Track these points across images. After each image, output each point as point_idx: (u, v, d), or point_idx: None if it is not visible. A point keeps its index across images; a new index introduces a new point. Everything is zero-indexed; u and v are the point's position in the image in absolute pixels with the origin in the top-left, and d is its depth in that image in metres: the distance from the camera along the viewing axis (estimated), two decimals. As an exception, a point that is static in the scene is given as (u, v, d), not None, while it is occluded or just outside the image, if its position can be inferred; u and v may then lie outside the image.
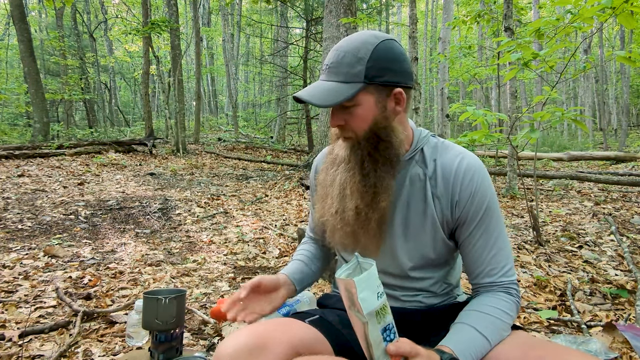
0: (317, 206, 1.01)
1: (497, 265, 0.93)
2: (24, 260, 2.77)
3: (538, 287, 2.31)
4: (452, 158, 0.94)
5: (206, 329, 1.87)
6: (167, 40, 12.70)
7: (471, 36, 15.83)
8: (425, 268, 0.99)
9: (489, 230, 0.93)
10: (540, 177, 6.53)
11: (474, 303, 0.93)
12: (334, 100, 0.85)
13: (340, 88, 0.86)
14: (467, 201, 0.92)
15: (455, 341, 0.83)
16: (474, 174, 0.93)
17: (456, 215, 0.94)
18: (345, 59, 0.87)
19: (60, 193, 5.01)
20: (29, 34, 9.59)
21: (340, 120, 0.90)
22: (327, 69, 0.89)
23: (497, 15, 6.60)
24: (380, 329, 0.73)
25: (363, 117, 0.89)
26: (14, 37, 14.89)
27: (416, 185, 0.95)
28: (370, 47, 0.87)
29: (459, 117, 3.60)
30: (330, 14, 6.20)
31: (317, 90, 0.88)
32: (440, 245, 0.97)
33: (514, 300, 0.92)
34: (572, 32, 2.97)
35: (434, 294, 1.02)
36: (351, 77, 0.86)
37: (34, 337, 1.73)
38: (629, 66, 14.68)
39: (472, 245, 0.94)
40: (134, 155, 9.12)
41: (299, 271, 1.11)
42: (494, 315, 0.88)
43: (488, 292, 0.94)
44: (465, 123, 16.57)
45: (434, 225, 0.95)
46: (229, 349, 0.80)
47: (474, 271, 0.96)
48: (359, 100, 0.87)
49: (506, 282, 0.93)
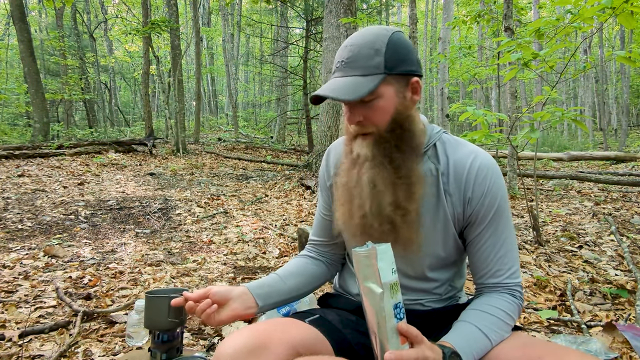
0: (341, 211, 0.96)
1: (504, 267, 0.92)
2: (24, 260, 2.77)
3: (538, 287, 2.31)
4: (466, 155, 0.93)
5: (206, 329, 1.87)
6: (167, 40, 12.70)
7: (471, 36, 15.83)
8: (436, 268, 0.99)
9: (498, 231, 0.93)
10: (540, 177, 6.53)
11: (477, 302, 0.92)
12: (358, 93, 0.83)
13: (361, 81, 0.85)
14: (479, 200, 0.91)
15: (457, 337, 0.83)
16: (487, 172, 0.92)
17: (467, 213, 0.93)
18: (362, 53, 0.86)
19: (60, 193, 5.01)
20: (29, 34, 9.59)
21: (358, 117, 0.88)
22: (343, 65, 0.87)
23: (497, 15, 6.61)
24: (392, 305, 0.74)
25: (385, 109, 0.87)
26: (14, 37, 14.89)
27: (428, 180, 0.93)
28: (384, 39, 0.86)
29: (459, 117, 3.60)
30: (330, 14, 6.20)
31: (337, 86, 0.85)
32: (450, 242, 0.96)
33: (516, 302, 0.92)
34: (572, 32, 2.97)
35: (439, 297, 1.01)
36: (371, 69, 0.85)
37: (34, 337, 1.73)
38: (629, 66, 14.68)
39: (481, 245, 0.93)
40: (134, 155, 9.11)
41: (266, 285, 1.01)
42: (496, 315, 0.88)
43: (492, 293, 0.93)
44: (465, 123, 16.57)
45: (445, 221, 0.94)
46: (229, 349, 0.80)
47: (479, 271, 0.95)
48: (380, 92, 0.86)
49: (511, 284, 0.92)
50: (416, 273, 0.99)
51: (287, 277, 1.06)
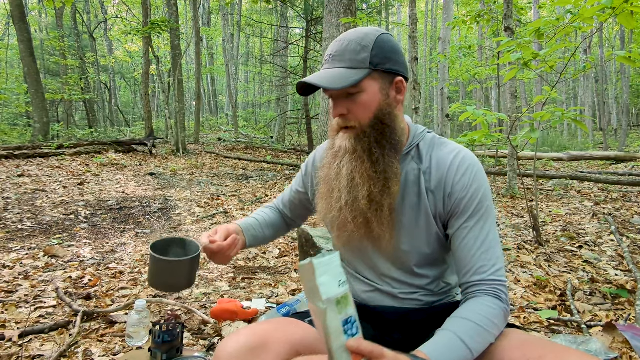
0: (321, 204, 1.01)
1: (487, 263, 0.90)
2: (24, 260, 2.77)
3: (538, 287, 2.31)
4: (448, 153, 0.95)
5: (206, 329, 1.87)
6: (167, 40, 12.70)
7: (471, 36, 15.83)
8: (423, 265, 0.99)
9: (479, 225, 0.92)
10: (540, 177, 6.53)
11: (461, 310, 0.88)
12: (342, 83, 0.87)
13: (347, 73, 0.88)
14: (460, 193, 0.92)
15: (433, 347, 0.79)
16: (468, 166, 0.93)
17: (448, 207, 0.94)
18: (350, 47, 0.89)
19: (60, 193, 5.01)
20: (29, 34, 9.59)
21: (343, 109, 0.91)
22: (331, 57, 0.91)
23: (497, 15, 6.61)
24: (341, 321, 0.69)
25: (368, 104, 0.90)
26: (14, 37, 14.89)
27: (410, 180, 0.96)
28: (372, 38, 0.90)
29: (459, 117, 3.60)
30: (330, 14, 6.20)
31: (323, 75, 0.89)
32: (434, 240, 0.96)
33: (502, 307, 0.87)
34: (572, 32, 2.97)
35: (432, 293, 1.02)
36: (357, 63, 0.89)
37: (34, 337, 1.73)
38: (629, 66, 14.69)
39: (463, 238, 0.92)
40: (134, 155, 9.11)
41: (252, 228, 1.16)
42: (479, 323, 0.83)
43: (476, 298, 0.89)
44: (465, 123, 16.58)
45: (427, 220, 0.95)
46: (229, 349, 0.80)
47: (463, 268, 0.93)
48: (364, 87, 0.89)
49: (496, 282, 0.89)
50: (404, 268, 1.00)
51: (265, 227, 1.21)
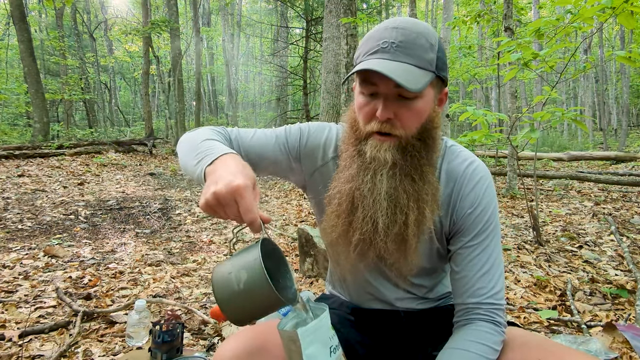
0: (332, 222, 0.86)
1: (487, 285, 0.83)
2: (24, 260, 2.77)
3: (538, 287, 2.31)
4: (460, 163, 0.88)
5: (206, 329, 1.87)
6: (167, 40, 12.70)
7: (471, 36, 15.82)
8: (421, 276, 0.97)
9: (484, 244, 0.85)
10: (540, 177, 6.53)
11: (456, 339, 0.81)
12: (418, 85, 0.72)
13: (417, 72, 0.74)
14: (467, 208, 0.85)
15: None
16: (479, 180, 0.86)
17: (454, 222, 0.87)
18: (419, 41, 0.75)
19: (60, 193, 5.01)
20: (29, 34, 9.59)
21: (390, 113, 0.76)
22: (394, 47, 0.74)
23: (497, 15, 6.61)
24: None
25: (421, 112, 0.78)
26: (14, 37, 14.86)
27: None
28: (436, 36, 0.77)
29: (459, 117, 3.60)
30: (330, 14, 6.20)
31: (395, 68, 0.72)
32: (435, 255, 0.93)
33: (499, 331, 0.81)
34: (572, 32, 2.97)
35: (429, 300, 1.00)
36: (425, 63, 0.75)
37: (34, 337, 1.73)
38: (629, 66, 14.68)
39: (464, 257, 0.85)
40: (134, 155, 9.11)
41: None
42: (478, 353, 0.77)
43: (471, 324, 0.83)
44: (465, 123, 16.57)
45: (430, 237, 0.89)
46: (229, 351, 0.80)
47: (460, 288, 0.85)
48: (424, 92, 0.76)
49: (493, 306, 0.82)
50: (402, 278, 0.97)
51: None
